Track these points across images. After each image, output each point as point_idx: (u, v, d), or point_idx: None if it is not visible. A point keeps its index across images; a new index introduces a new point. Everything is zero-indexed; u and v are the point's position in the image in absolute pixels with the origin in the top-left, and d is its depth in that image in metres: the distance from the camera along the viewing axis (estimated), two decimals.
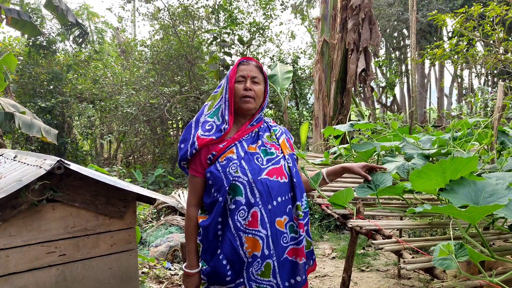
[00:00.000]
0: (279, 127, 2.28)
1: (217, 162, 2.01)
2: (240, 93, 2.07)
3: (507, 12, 7.25)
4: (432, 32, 19.36)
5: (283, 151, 2.15)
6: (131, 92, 10.91)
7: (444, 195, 2.12)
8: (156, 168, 11.57)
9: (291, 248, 2.06)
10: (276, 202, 2.01)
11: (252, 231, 1.95)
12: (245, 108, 2.08)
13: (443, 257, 1.61)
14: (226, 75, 2.13)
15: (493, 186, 2.09)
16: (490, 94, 9.08)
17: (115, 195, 3.41)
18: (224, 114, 2.07)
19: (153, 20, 12.98)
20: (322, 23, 7.96)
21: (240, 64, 2.13)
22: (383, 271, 4.87)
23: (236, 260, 1.98)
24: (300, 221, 2.06)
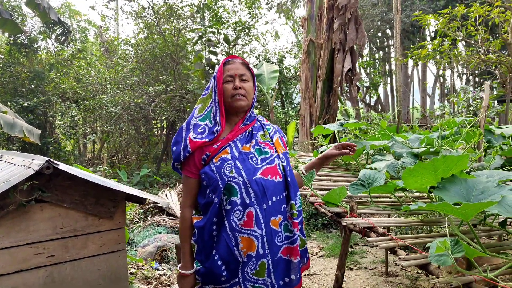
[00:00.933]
0: (272, 126, 2.28)
1: (212, 162, 1.99)
2: (230, 92, 2.06)
3: (489, 13, 7.38)
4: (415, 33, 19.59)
5: (277, 150, 2.15)
6: (116, 92, 10.79)
7: (437, 192, 2.15)
8: (140, 168, 11.48)
9: (286, 247, 2.07)
10: (271, 201, 2.01)
11: (247, 231, 1.95)
12: (237, 106, 2.07)
13: (439, 254, 1.64)
14: (213, 77, 2.10)
15: (483, 184, 2.13)
16: (473, 94, 9.24)
17: (104, 195, 3.38)
18: (216, 116, 2.05)
19: (137, 18, 12.87)
20: (308, 23, 7.99)
21: (226, 63, 2.11)
22: (371, 269, 4.92)
23: (231, 260, 1.97)
24: (294, 220, 2.08)
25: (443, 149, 3.27)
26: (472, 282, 1.68)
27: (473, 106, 8.75)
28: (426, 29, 19.13)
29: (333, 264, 5.14)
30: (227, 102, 2.06)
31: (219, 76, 2.06)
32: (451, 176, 2.26)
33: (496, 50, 7.57)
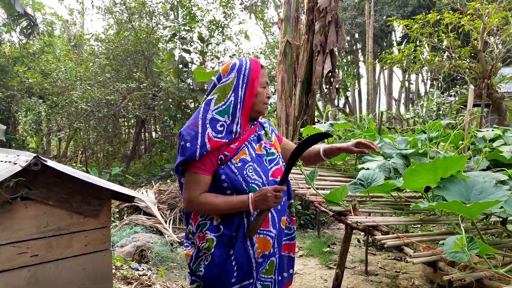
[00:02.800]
0: (267, 122, 2.26)
1: (231, 163, 1.94)
2: (265, 99, 2.06)
3: (460, 20, 7.64)
4: (383, 37, 20.07)
5: (277, 149, 2.15)
6: (86, 88, 10.50)
7: (439, 192, 2.20)
8: (109, 167, 11.22)
9: (285, 243, 2.14)
10: (282, 202, 2.04)
11: (263, 231, 1.96)
12: (263, 113, 2.09)
13: (455, 250, 1.68)
14: (242, 72, 2.00)
15: (481, 184, 2.20)
16: (442, 99, 9.56)
17: (90, 193, 3.28)
18: (237, 116, 1.97)
19: (107, 14, 12.58)
20: (285, 24, 8.03)
21: (262, 68, 2.08)
22: (351, 268, 4.99)
23: (244, 262, 1.95)
24: (293, 218, 2.16)
25: (431, 150, 3.36)
26: (483, 277, 1.73)
27: (442, 110, 9.06)
28: (394, 34, 19.67)
29: (313, 264, 5.18)
30: (257, 106, 2.04)
31: (255, 77, 2.01)
32: (450, 176, 2.32)
33: (466, 56, 7.85)
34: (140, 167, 12.25)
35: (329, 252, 5.55)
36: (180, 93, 10.23)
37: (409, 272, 4.82)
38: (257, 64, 2.05)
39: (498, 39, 7.92)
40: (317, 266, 5.11)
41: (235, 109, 1.97)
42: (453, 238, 1.69)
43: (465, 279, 1.69)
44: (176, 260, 4.98)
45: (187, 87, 10.33)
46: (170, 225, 5.69)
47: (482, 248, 1.67)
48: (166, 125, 10.19)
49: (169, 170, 9.87)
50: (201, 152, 1.89)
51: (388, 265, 5.07)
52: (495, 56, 7.66)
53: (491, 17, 7.29)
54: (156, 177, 10.00)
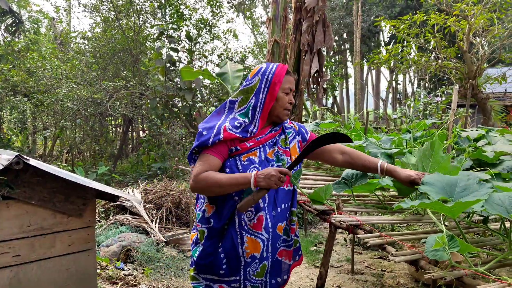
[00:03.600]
0: (293, 129, 2.27)
1: (239, 159, 2.00)
2: (286, 105, 2.09)
3: (446, 21, 7.71)
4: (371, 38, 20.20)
5: (292, 156, 2.16)
6: (73, 86, 10.40)
7: (423, 188, 2.19)
8: (95, 166, 11.13)
9: (282, 249, 2.17)
10: (280, 208, 2.08)
11: (255, 232, 2.00)
12: (284, 119, 2.12)
13: (436, 249, 1.69)
14: (265, 76, 2.06)
15: (465, 181, 2.20)
16: (429, 99, 9.65)
17: (74, 192, 3.25)
18: (256, 118, 2.04)
19: (94, 12, 12.47)
20: (273, 24, 8.03)
21: (287, 74, 2.10)
22: (337, 267, 5.01)
23: (233, 258, 2.01)
24: (292, 226, 2.18)
25: (415, 150, 3.38)
26: (464, 276, 1.74)
27: (429, 110, 9.16)
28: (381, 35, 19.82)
29: None
30: (276, 111, 2.08)
31: (277, 82, 2.04)
32: (435, 173, 2.33)
33: (452, 57, 7.93)
34: (127, 166, 12.18)
35: (316, 251, 5.56)
36: (167, 92, 10.18)
37: (395, 271, 4.85)
38: (282, 70, 2.08)
39: (483, 40, 8.01)
40: (303, 265, 5.12)
41: (254, 111, 2.04)
42: (434, 237, 1.70)
43: (446, 277, 1.70)
44: (162, 259, 4.95)
45: (174, 86, 10.28)
46: (156, 225, 5.66)
47: (462, 247, 1.68)
48: (153, 124, 10.13)
49: (156, 170, 9.82)
50: (214, 140, 1.95)
51: (374, 264, 5.10)
52: (481, 57, 7.74)
53: (477, 18, 7.37)
54: (143, 176, 9.94)
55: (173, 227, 5.89)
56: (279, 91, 2.05)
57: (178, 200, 6.27)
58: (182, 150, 11.09)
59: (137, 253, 4.94)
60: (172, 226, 5.93)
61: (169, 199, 6.17)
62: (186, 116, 10.60)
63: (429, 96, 9.88)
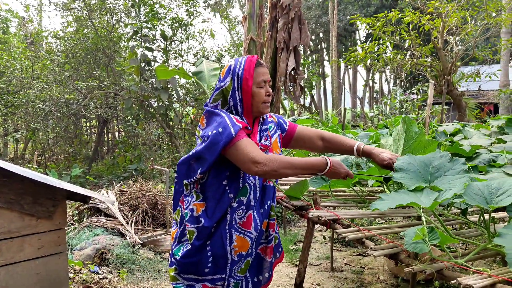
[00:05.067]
0: (273, 122, 2.20)
1: None
2: (263, 98, 2.01)
3: (420, 19, 7.78)
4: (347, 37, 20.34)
5: (274, 151, 2.10)
6: (44, 87, 10.13)
7: (398, 175, 2.12)
8: (70, 168, 10.86)
9: (263, 246, 2.14)
10: (266, 205, 2.06)
11: (244, 231, 1.96)
12: (264, 113, 2.05)
13: (416, 241, 1.65)
14: (236, 74, 1.97)
15: (438, 159, 2.15)
16: (405, 96, 9.74)
17: (43, 193, 3.13)
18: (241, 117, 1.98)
19: (65, 11, 12.20)
20: (248, 22, 7.96)
21: (258, 66, 2.01)
22: (316, 265, 4.97)
23: (220, 256, 1.96)
24: (271, 221, 2.13)
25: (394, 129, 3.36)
26: (443, 268, 1.71)
27: (405, 108, 9.24)
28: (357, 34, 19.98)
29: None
30: (255, 106, 2.00)
31: (248, 76, 1.96)
32: (407, 155, 2.25)
33: (427, 55, 8.01)
34: (103, 168, 11.94)
35: (295, 249, 5.52)
36: (142, 92, 10.01)
37: (374, 267, 4.84)
38: (251, 63, 1.99)
39: (457, 38, 8.11)
40: (283, 264, 5.07)
41: (237, 111, 1.98)
42: (413, 229, 1.66)
43: (426, 270, 1.66)
44: (138, 262, 4.84)
45: (150, 86, 10.12)
46: (132, 227, 5.52)
47: (442, 238, 1.64)
48: (128, 125, 9.94)
49: (132, 171, 9.64)
50: (236, 129, 1.84)
51: (354, 261, 5.09)
52: (455, 54, 7.84)
53: (450, 16, 7.46)
54: (119, 178, 9.75)
55: (149, 228, 5.77)
56: (252, 87, 1.97)
57: (154, 201, 6.14)
58: (159, 151, 10.92)
59: (112, 256, 4.80)
60: (148, 227, 5.80)
61: (145, 200, 6.04)
62: (162, 116, 10.44)
63: (405, 94, 9.98)
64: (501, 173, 2.67)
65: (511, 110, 13.77)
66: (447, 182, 1.96)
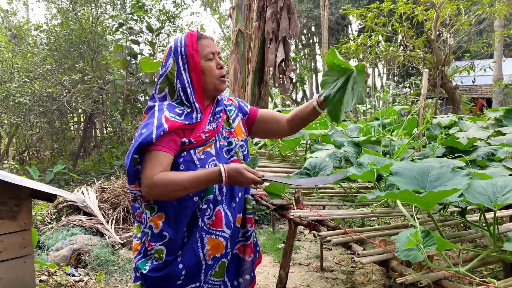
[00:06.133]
0: (233, 105, 1.96)
1: (194, 153, 1.69)
2: (216, 72, 1.76)
3: (414, 10, 7.57)
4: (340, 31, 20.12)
5: (238, 137, 1.87)
6: (25, 80, 9.80)
7: (392, 179, 1.94)
8: (55, 165, 10.57)
9: (241, 244, 1.91)
10: (238, 198, 1.82)
11: (215, 231, 1.72)
12: (222, 89, 1.81)
13: (408, 248, 1.42)
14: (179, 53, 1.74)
15: (437, 169, 1.96)
16: (398, 90, 9.54)
17: (4, 192, 2.88)
18: (192, 100, 1.72)
19: (49, 3, 11.85)
20: (236, 12, 7.71)
21: (200, 38, 1.77)
22: (305, 264, 4.75)
23: (194, 265, 1.71)
24: (248, 216, 1.90)
25: (384, 137, 3.14)
26: (442, 279, 1.48)
27: (398, 101, 9.03)
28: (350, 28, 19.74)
29: (266, 261, 4.92)
30: (210, 84, 1.76)
31: (193, 51, 1.72)
32: (404, 161, 2.08)
33: (420, 47, 7.81)
34: (89, 164, 11.65)
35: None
36: (129, 86, 9.72)
37: (366, 267, 4.62)
38: (192, 37, 1.76)
39: (451, 30, 7.90)
40: (270, 264, 4.85)
41: (186, 95, 1.73)
42: (406, 233, 1.42)
43: (421, 281, 1.43)
44: (117, 263, 4.59)
45: (136, 80, 9.82)
46: (112, 225, 5.27)
47: (440, 244, 1.41)
48: (114, 120, 9.65)
49: (119, 167, 9.37)
50: (158, 133, 1.60)
51: (344, 260, 4.87)
52: (448, 46, 7.63)
53: (444, 7, 7.25)
54: (105, 174, 9.47)
55: (131, 227, 5.52)
56: (201, 62, 1.74)
57: None
58: None
59: (90, 256, 4.56)
60: (130, 226, 5.55)
61: (127, 198, 5.78)
62: None
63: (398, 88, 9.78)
64: (502, 167, 2.45)
65: (504, 104, 13.66)
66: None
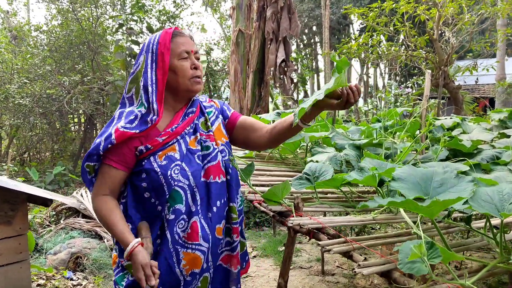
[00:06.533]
0: (214, 107, 1.86)
1: (154, 160, 1.59)
2: (190, 72, 1.66)
3: (416, 9, 7.50)
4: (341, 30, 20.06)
5: (217, 141, 1.76)
6: (24, 82, 9.76)
7: (394, 184, 1.88)
8: (55, 166, 10.53)
9: (226, 254, 1.78)
10: (216, 207, 1.69)
11: (191, 245, 1.62)
12: (197, 91, 1.70)
13: (412, 260, 1.36)
14: (150, 49, 1.66)
15: (441, 174, 1.90)
16: (400, 90, 9.46)
17: (0, 196, 2.83)
18: (152, 101, 1.61)
19: (49, 3, 11.82)
20: (237, 12, 7.66)
21: (176, 36, 1.67)
22: (306, 268, 4.70)
23: (171, 281, 1.62)
24: (234, 225, 1.76)
25: (386, 140, 3.08)
26: None
27: (400, 102, 8.96)
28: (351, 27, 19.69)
29: (267, 265, 4.86)
30: (182, 85, 1.66)
31: (164, 50, 1.62)
32: (407, 166, 2.02)
33: (422, 46, 7.74)
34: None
35: (283, 255, 5.24)
36: None
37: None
38: (167, 35, 1.65)
39: (453, 29, 7.83)
40: (271, 267, 4.79)
41: (147, 94, 1.62)
42: (409, 245, 1.36)
43: None
44: None
45: None
46: None
47: (445, 256, 1.35)
48: None
49: None
50: (105, 145, 1.55)
51: (346, 264, 4.81)
52: (451, 45, 7.56)
53: (446, 6, 7.18)
54: None
55: None
56: (171, 60, 1.64)
57: None
58: None
59: (88, 260, 4.50)
60: None
61: None
62: None
63: (400, 88, 9.70)
64: (507, 171, 2.38)
65: (507, 104, 13.56)
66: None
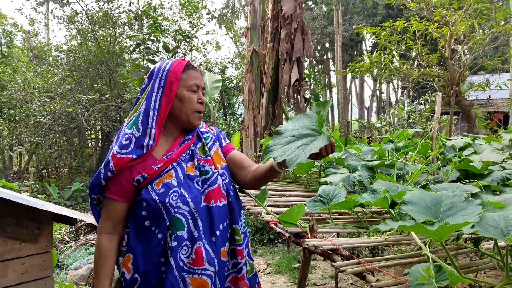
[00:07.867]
0: (210, 133, 1.89)
1: (152, 188, 1.62)
2: (195, 106, 1.71)
3: (427, 28, 7.59)
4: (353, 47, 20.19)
5: (216, 165, 1.79)
6: (45, 100, 10.04)
7: (405, 208, 1.97)
8: (73, 182, 10.75)
9: (232, 276, 1.77)
10: (219, 231, 1.69)
11: (197, 270, 1.62)
12: (195, 126, 1.75)
13: (421, 283, 1.44)
14: (159, 75, 1.70)
15: (450, 198, 1.98)
16: (412, 107, 9.52)
17: (27, 215, 2.96)
18: (151, 126, 1.64)
19: (69, 24, 12.17)
20: (251, 33, 7.83)
21: (189, 68, 1.73)
22: (320, 285, 4.75)
23: None
24: (238, 247, 1.76)
25: (398, 161, 3.16)
26: None
27: (412, 119, 9.02)
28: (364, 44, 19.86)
29: (281, 282, 4.92)
30: (185, 114, 1.70)
31: (174, 79, 1.67)
32: (417, 190, 2.11)
33: (434, 64, 7.81)
34: None
35: (299, 268, 5.29)
36: None
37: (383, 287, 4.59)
38: (179, 65, 1.71)
39: (465, 47, 7.90)
40: (285, 284, 4.85)
41: (147, 118, 1.66)
42: (418, 268, 1.45)
43: None
44: None
45: None
46: None
47: (452, 279, 1.43)
48: None
49: None
50: (105, 175, 1.62)
51: (360, 281, 4.84)
52: (463, 63, 7.63)
53: (458, 24, 7.26)
54: None
55: None
56: (180, 90, 1.69)
57: None
58: None
59: None
60: None
61: None
62: None
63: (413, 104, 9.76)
64: None
65: None
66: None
